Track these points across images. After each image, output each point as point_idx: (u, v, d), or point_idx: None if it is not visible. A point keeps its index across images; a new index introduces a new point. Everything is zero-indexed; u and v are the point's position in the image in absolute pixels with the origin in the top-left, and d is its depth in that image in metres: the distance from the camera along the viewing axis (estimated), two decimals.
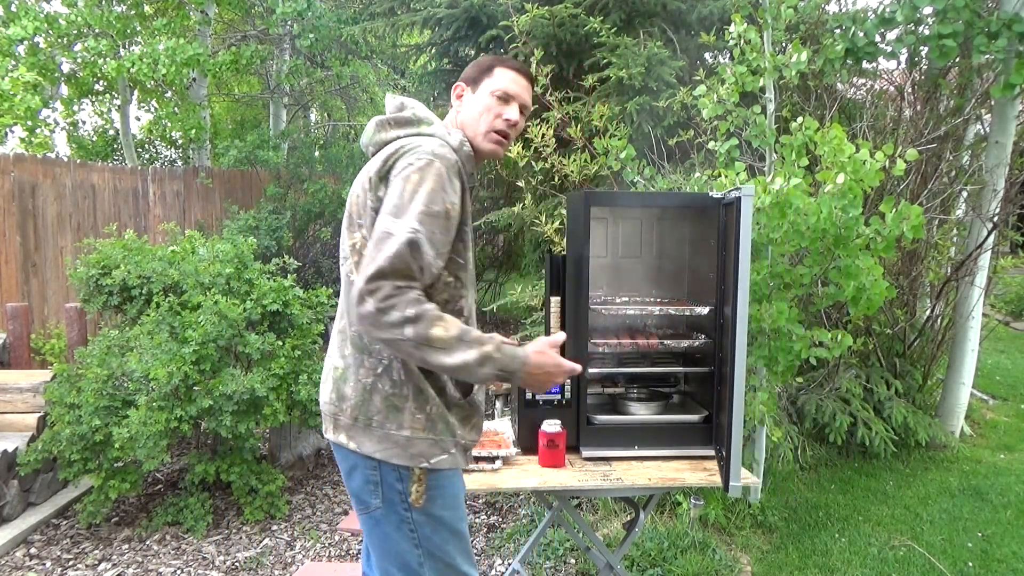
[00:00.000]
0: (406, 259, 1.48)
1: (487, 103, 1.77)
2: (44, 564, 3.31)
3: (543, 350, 1.62)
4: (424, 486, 1.63)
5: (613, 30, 4.82)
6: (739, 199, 2.05)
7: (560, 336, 1.68)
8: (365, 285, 1.47)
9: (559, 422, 2.28)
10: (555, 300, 2.49)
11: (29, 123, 7.30)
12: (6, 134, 7.74)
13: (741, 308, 2.05)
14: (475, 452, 2.26)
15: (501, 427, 2.59)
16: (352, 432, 1.65)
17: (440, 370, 1.56)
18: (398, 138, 1.69)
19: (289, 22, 8.93)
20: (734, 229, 2.08)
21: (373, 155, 1.73)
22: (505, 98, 1.76)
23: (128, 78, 7.64)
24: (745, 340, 2.07)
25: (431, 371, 1.61)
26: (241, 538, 3.56)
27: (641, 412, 2.60)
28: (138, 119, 11.64)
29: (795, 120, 3.06)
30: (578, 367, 1.67)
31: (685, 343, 2.62)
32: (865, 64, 4.22)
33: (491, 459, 2.27)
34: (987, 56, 4.03)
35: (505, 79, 1.78)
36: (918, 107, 4.89)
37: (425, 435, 1.63)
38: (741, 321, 2.05)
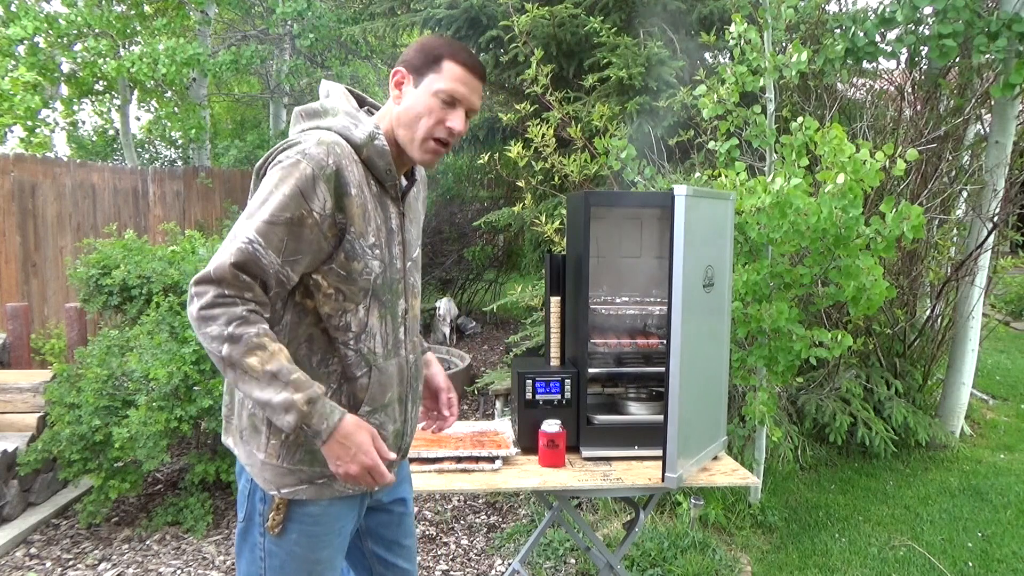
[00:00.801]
0: (240, 266, 1.35)
1: (429, 104, 1.50)
2: (44, 564, 3.31)
3: (364, 427, 1.43)
4: (282, 516, 1.48)
5: (613, 30, 4.82)
6: (673, 198, 2.04)
7: (381, 444, 1.47)
8: (193, 284, 1.35)
9: (559, 422, 2.28)
10: (555, 300, 2.49)
11: (29, 123, 7.29)
12: (6, 134, 7.74)
13: (676, 306, 2.05)
14: (475, 452, 2.25)
15: (501, 427, 2.59)
16: (236, 438, 1.54)
17: (249, 398, 1.42)
18: (303, 132, 1.49)
19: (289, 22, 8.93)
20: (669, 228, 2.07)
21: None
22: (451, 102, 1.49)
23: (128, 78, 7.64)
24: (679, 340, 2.05)
25: None
26: None
27: (641, 412, 2.60)
28: (138, 119, 11.65)
29: (795, 120, 3.06)
30: (386, 477, 1.46)
31: None
32: (865, 64, 4.22)
33: (491, 459, 2.27)
34: (987, 56, 4.03)
35: (453, 78, 1.49)
36: (918, 107, 4.89)
37: (278, 463, 1.47)
38: (676, 318, 2.05)
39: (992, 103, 4.60)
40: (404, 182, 1.61)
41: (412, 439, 1.68)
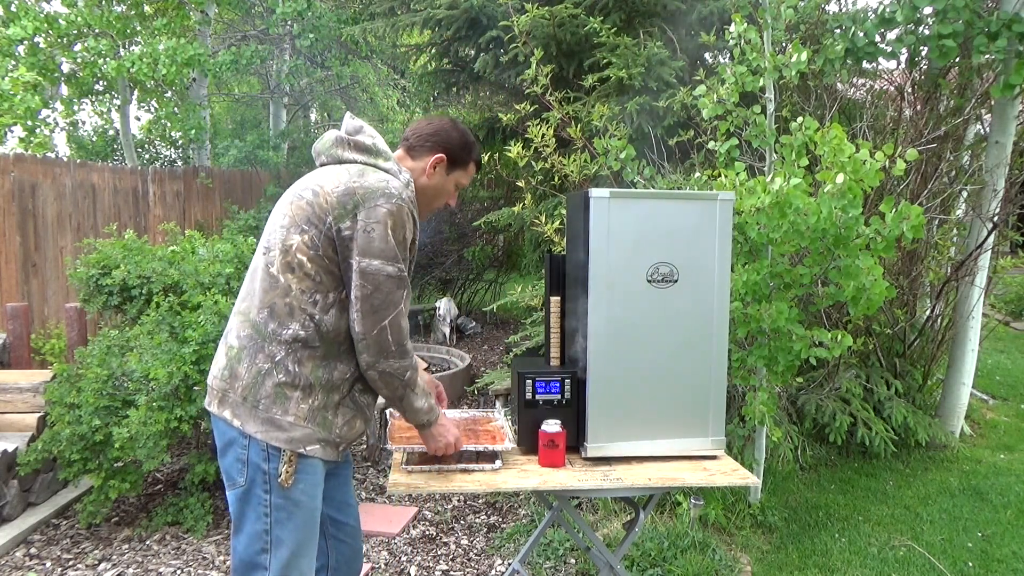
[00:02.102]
0: (402, 293, 1.76)
1: (449, 190, 1.98)
2: (44, 564, 3.31)
3: (445, 422, 2.01)
4: (294, 467, 1.76)
5: (613, 30, 4.82)
6: (588, 199, 2.21)
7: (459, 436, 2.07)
8: (389, 323, 1.75)
9: (559, 422, 2.27)
10: (555, 300, 2.49)
11: (29, 123, 7.29)
12: (6, 134, 7.74)
13: (590, 294, 2.23)
14: (472, 447, 2.23)
15: (494, 415, 2.57)
16: (238, 410, 1.76)
17: (404, 407, 1.88)
18: (355, 162, 1.83)
19: (289, 22, 8.94)
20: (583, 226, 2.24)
21: (323, 165, 1.88)
22: (460, 189, 2.00)
23: (128, 78, 7.64)
24: (593, 329, 2.24)
25: (327, 368, 1.79)
26: None
27: None
28: (138, 119, 11.64)
29: (795, 120, 3.06)
30: (460, 446, 2.07)
31: None
32: (865, 64, 4.22)
33: (491, 457, 2.27)
34: (987, 56, 4.03)
35: (471, 175, 2.01)
36: (918, 107, 4.88)
37: (305, 424, 1.76)
38: (590, 304, 2.23)
39: (992, 103, 4.60)
40: None
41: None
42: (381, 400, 1.96)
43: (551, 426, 2.25)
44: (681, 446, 2.35)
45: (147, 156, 12.00)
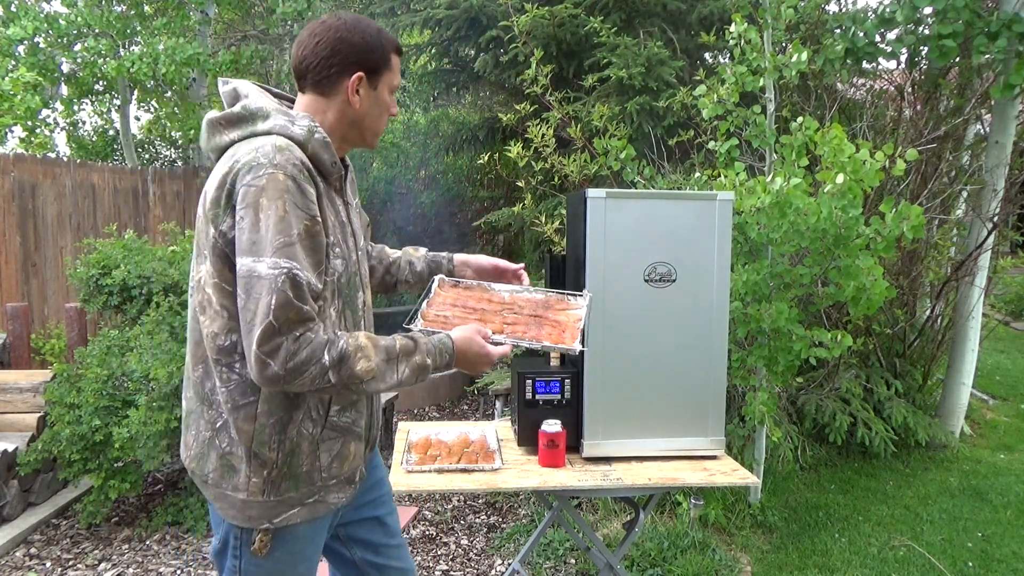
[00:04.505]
0: (290, 302, 1.29)
1: (385, 102, 1.52)
2: (44, 564, 3.31)
3: (466, 332, 1.54)
4: (269, 537, 1.46)
5: (613, 30, 4.82)
6: (586, 199, 2.22)
7: (488, 333, 1.58)
8: (258, 349, 1.28)
9: (559, 422, 2.28)
10: None
11: (29, 123, 7.29)
12: (6, 134, 7.73)
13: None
14: (525, 343, 1.68)
15: (578, 302, 1.91)
16: (197, 480, 1.51)
17: (395, 387, 1.45)
18: (232, 142, 1.42)
19: (289, 22, 8.93)
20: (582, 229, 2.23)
21: (216, 161, 1.45)
22: (394, 90, 1.53)
23: (128, 78, 7.63)
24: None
25: (274, 417, 1.41)
26: None
27: None
28: (138, 119, 11.62)
29: (795, 120, 3.06)
30: (505, 350, 1.58)
31: None
32: (865, 64, 4.22)
33: (490, 457, 2.27)
34: (987, 56, 4.03)
35: (397, 68, 1.53)
36: (918, 107, 4.89)
37: (264, 498, 1.43)
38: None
39: (992, 103, 4.60)
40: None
41: (378, 430, 1.69)
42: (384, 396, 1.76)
43: (551, 426, 2.25)
44: (681, 445, 2.36)
45: (147, 156, 11.99)
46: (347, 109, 1.48)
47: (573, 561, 3.28)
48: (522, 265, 1.94)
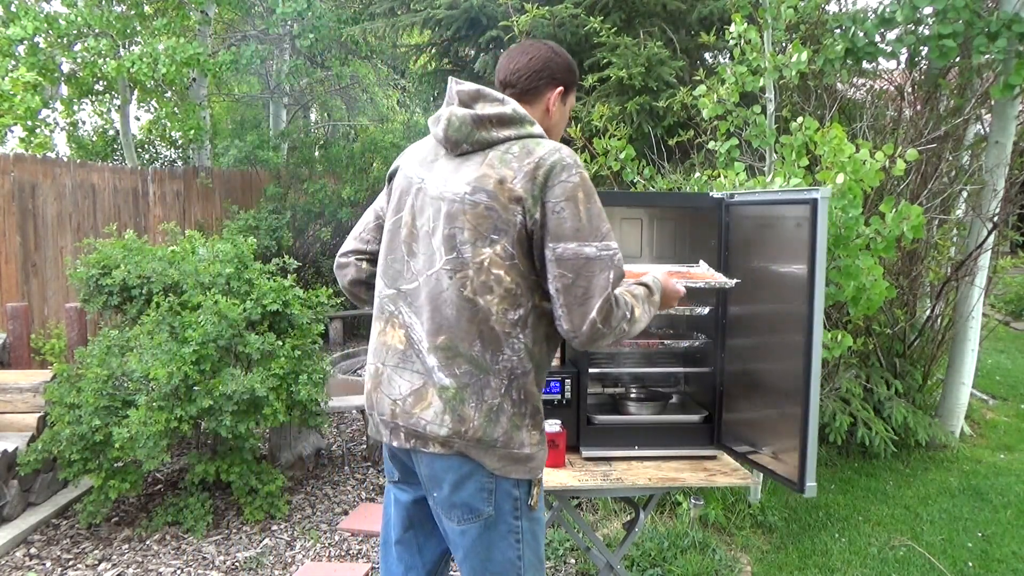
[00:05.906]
0: (622, 276, 1.58)
1: (567, 120, 1.83)
2: (44, 564, 3.31)
3: (663, 277, 1.81)
4: (539, 487, 1.68)
5: (613, 30, 4.82)
6: (815, 200, 1.98)
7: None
8: (596, 315, 1.52)
9: (559, 422, 2.28)
10: None
11: (29, 123, 7.28)
12: (6, 134, 7.73)
13: (817, 315, 2.02)
14: (692, 283, 2.10)
15: (700, 265, 2.31)
16: (472, 450, 1.60)
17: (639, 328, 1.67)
18: (508, 139, 1.61)
19: (289, 22, 8.93)
20: (809, 234, 2.00)
21: (464, 153, 1.63)
22: (571, 108, 1.83)
23: (128, 78, 7.63)
24: (820, 345, 2.05)
25: (541, 381, 1.67)
26: (241, 538, 3.56)
27: (641, 412, 2.60)
28: (138, 119, 11.61)
29: (795, 120, 3.06)
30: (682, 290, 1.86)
31: (685, 343, 2.62)
32: (865, 64, 4.22)
33: None
34: (987, 56, 4.03)
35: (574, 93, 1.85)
36: (918, 107, 4.88)
37: (539, 447, 1.65)
38: (817, 328, 2.03)
39: (992, 103, 4.60)
40: None
41: None
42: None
43: (551, 426, 2.26)
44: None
45: (147, 156, 11.99)
46: (544, 117, 1.74)
47: (573, 561, 3.28)
48: None
